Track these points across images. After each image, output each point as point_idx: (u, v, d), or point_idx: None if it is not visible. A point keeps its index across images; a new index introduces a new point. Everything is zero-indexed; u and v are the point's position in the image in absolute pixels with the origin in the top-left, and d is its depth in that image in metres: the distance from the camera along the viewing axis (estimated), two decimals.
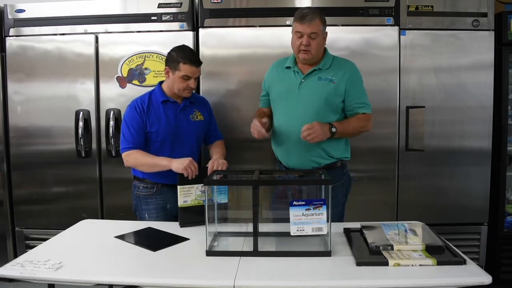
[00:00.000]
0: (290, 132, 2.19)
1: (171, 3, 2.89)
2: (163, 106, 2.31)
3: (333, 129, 2.06)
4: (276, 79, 2.28)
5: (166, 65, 2.29)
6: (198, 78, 2.84)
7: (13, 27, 2.98)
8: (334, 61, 2.22)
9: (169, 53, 2.29)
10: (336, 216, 2.18)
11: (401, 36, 2.84)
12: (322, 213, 1.68)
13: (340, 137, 2.17)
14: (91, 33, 2.93)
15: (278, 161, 2.34)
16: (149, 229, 2.08)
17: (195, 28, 2.91)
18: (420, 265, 1.56)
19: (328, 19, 2.75)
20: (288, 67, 2.24)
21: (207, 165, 2.19)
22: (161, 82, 2.38)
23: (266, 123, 2.16)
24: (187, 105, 2.36)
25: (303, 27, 2.10)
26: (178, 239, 1.90)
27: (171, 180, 2.17)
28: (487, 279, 1.48)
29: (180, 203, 2.09)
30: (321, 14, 2.15)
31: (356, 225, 1.95)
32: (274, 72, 2.31)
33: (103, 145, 2.96)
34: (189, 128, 2.34)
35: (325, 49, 2.25)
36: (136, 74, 2.91)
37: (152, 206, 2.33)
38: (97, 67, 2.93)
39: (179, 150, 2.30)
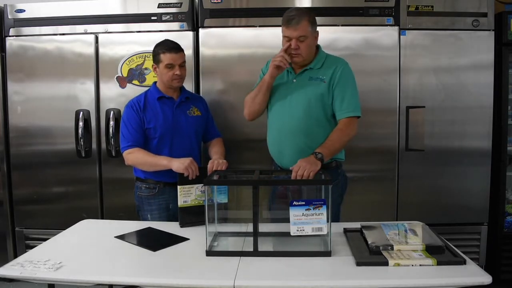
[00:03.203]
0: (282, 132, 2.19)
1: (171, 3, 2.90)
2: (159, 102, 2.34)
3: (319, 156, 1.96)
4: None
5: (153, 63, 2.36)
6: (198, 78, 2.88)
7: (13, 27, 2.98)
8: (326, 60, 2.19)
9: (152, 51, 2.36)
10: (332, 216, 2.16)
11: (401, 36, 2.84)
12: (322, 213, 1.68)
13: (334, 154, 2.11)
14: (91, 33, 2.93)
15: (274, 161, 2.33)
16: (149, 229, 2.08)
17: (195, 28, 2.91)
18: (420, 265, 1.56)
19: (328, 19, 2.79)
20: None
21: (207, 165, 2.19)
22: (155, 82, 2.41)
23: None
24: (183, 101, 2.38)
25: (290, 31, 2.07)
26: (178, 239, 1.90)
27: (173, 178, 2.18)
28: (487, 279, 1.47)
29: (180, 203, 2.09)
30: (309, 14, 2.10)
31: (356, 225, 1.95)
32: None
33: (103, 145, 2.96)
34: (187, 123, 2.36)
35: (318, 48, 2.22)
36: (136, 74, 2.91)
37: (155, 207, 2.33)
38: (97, 67, 2.93)
39: (178, 146, 2.32)
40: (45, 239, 1.97)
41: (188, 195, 2.10)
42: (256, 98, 2.22)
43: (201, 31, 2.87)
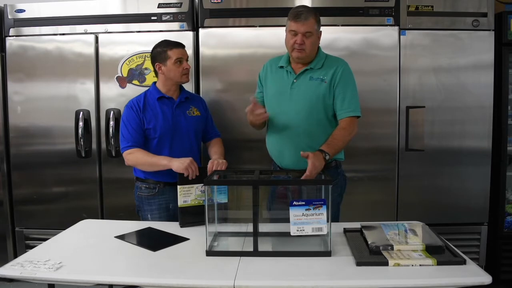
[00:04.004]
0: (283, 133, 2.19)
1: (171, 3, 2.90)
2: (159, 102, 2.34)
3: (327, 157, 1.97)
4: (269, 78, 2.26)
5: (155, 63, 2.35)
6: (198, 78, 2.89)
7: (13, 27, 2.98)
8: (326, 60, 2.20)
9: (152, 52, 2.37)
10: (331, 216, 2.16)
11: (401, 36, 2.84)
12: (322, 213, 1.68)
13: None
14: (91, 33, 2.93)
15: (273, 161, 2.33)
16: (149, 229, 2.08)
17: (195, 28, 2.91)
18: (420, 265, 1.56)
19: (328, 19, 2.78)
20: (281, 67, 2.22)
21: (207, 165, 2.19)
22: (155, 82, 2.41)
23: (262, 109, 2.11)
24: (183, 101, 2.39)
25: (298, 26, 2.07)
26: (178, 239, 1.91)
27: (173, 178, 2.18)
28: (487, 279, 1.48)
29: (180, 203, 2.09)
30: (316, 13, 2.12)
31: (356, 225, 1.95)
32: (267, 71, 2.28)
33: (103, 145, 2.96)
34: (187, 123, 2.36)
35: (318, 48, 2.22)
36: (136, 74, 2.91)
37: (155, 207, 2.33)
38: (97, 67, 2.93)
39: (178, 146, 2.32)
40: (45, 239, 1.97)
41: (188, 195, 2.10)
42: (253, 125, 2.25)
43: (201, 31, 2.87)
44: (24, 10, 2.98)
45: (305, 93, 2.15)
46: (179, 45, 2.34)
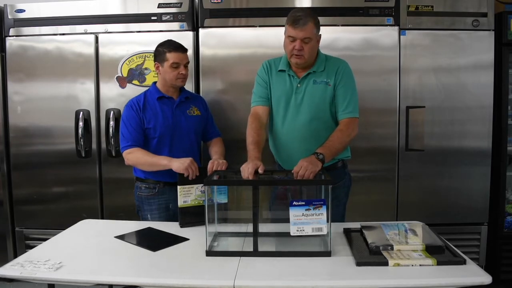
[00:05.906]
0: (291, 138, 2.17)
1: (171, 3, 2.90)
2: (159, 102, 2.34)
3: (320, 156, 1.91)
4: (271, 82, 2.22)
5: (155, 62, 2.35)
6: (198, 78, 2.88)
7: (13, 27, 2.98)
8: (327, 62, 2.17)
9: (155, 50, 2.36)
10: (338, 216, 2.16)
11: (401, 36, 2.84)
12: (322, 213, 1.68)
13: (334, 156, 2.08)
14: (91, 33, 2.93)
15: (278, 164, 2.32)
16: (149, 229, 2.08)
17: (195, 28, 2.91)
18: (420, 265, 1.56)
19: (328, 19, 2.79)
20: (282, 70, 2.19)
21: (207, 165, 2.19)
22: (155, 82, 2.41)
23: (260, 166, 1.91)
24: (183, 101, 2.39)
25: (296, 32, 2.03)
26: (178, 239, 1.91)
27: (173, 178, 2.18)
28: (487, 279, 1.48)
29: (180, 203, 2.09)
30: (315, 16, 2.09)
31: (356, 225, 1.95)
32: (268, 74, 2.23)
33: (103, 145, 2.96)
34: (187, 123, 2.36)
35: (317, 50, 2.20)
36: (136, 74, 2.91)
37: (155, 207, 2.34)
38: (97, 67, 2.93)
39: (178, 146, 2.32)
40: (45, 239, 1.97)
41: (188, 195, 2.10)
42: None
43: (201, 31, 2.87)
44: (24, 10, 2.98)
45: (311, 97, 2.13)
46: (180, 49, 2.31)
